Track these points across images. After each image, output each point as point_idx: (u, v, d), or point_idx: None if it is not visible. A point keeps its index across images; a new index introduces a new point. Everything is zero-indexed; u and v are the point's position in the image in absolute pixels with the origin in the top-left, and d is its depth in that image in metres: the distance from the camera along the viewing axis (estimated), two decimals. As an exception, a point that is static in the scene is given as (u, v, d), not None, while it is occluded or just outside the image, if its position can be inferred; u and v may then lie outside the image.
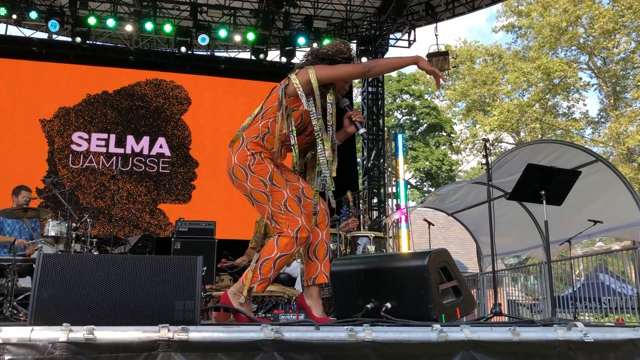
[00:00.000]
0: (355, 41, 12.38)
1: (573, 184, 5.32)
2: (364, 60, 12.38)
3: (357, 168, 13.31)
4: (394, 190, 12.13)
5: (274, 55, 11.89)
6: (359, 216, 6.94)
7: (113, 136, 11.16)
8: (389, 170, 12.20)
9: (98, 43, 12.16)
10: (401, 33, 12.59)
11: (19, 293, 5.39)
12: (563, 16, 25.31)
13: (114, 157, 11.02)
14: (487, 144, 5.23)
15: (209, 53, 12.42)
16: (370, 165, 12.41)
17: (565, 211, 6.20)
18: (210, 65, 12.12)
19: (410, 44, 12.58)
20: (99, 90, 11.31)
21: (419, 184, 27.69)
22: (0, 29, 11.05)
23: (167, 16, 11.23)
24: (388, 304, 2.91)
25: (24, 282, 5.80)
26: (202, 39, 10.79)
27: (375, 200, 12.39)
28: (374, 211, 12.23)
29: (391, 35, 12.72)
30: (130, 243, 7.79)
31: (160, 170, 11.19)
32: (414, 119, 28.59)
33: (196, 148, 11.46)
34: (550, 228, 5.25)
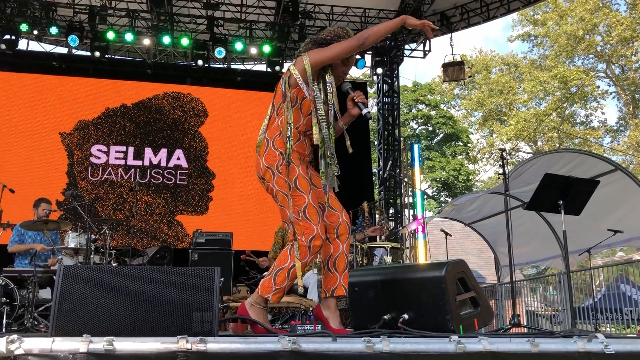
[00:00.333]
0: (370, 52, 12.42)
1: (592, 193, 5.26)
2: (379, 71, 12.44)
3: (373, 178, 13.29)
4: (411, 200, 12.09)
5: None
6: (381, 224, 6.93)
7: (131, 149, 11.28)
8: (405, 180, 12.17)
9: (116, 57, 12.35)
10: (416, 43, 12.61)
11: (40, 304, 5.47)
12: (580, 24, 25.15)
13: (133, 170, 11.14)
14: (504, 153, 5.21)
15: (225, 66, 12.54)
16: (386, 176, 12.39)
17: (584, 221, 6.13)
18: (226, 77, 12.23)
19: (425, 54, 12.58)
20: (118, 103, 11.46)
21: (435, 194, 27.56)
22: (22, 45, 11.27)
23: (184, 30, 11.37)
24: (405, 315, 2.90)
25: (45, 294, 5.87)
26: (219, 51, 10.90)
27: (391, 210, 12.35)
28: (390, 222, 12.19)
29: (406, 46, 12.75)
30: (149, 254, 7.85)
31: (177, 182, 11.29)
32: (430, 128, 28.51)
33: (213, 160, 11.54)
34: (569, 238, 5.19)
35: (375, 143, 13.95)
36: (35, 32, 10.75)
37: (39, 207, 6.76)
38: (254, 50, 11.45)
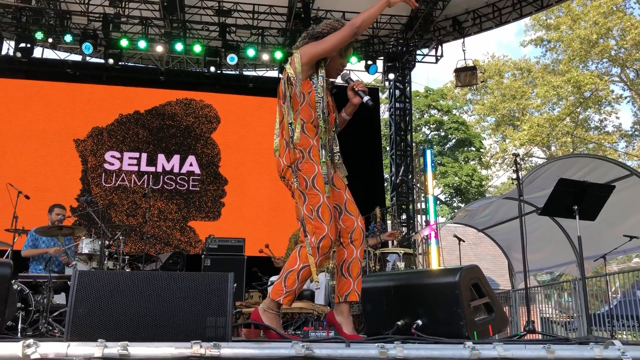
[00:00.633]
0: (382, 58, 12.42)
1: (607, 198, 5.21)
2: (391, 76, 12.42)
3: (385, 184, 13.26)
4: (423, 206, 12.04)
5: (301, 73, 11.98)
6: (395, 229, 6.91)
7: (144, 155, 11.36)
8: (418, 186, 12.13)
9: (130, 64, 12.46)
10: (428, 49, 12.59)
11: (54, 309, 5.50)
12: (593, 28, 24.96)
13: (146, 176, 11.20)
14: (518, 158, 5.18)
15: (237, 72, 12.61)
16: (398, 181, 12.36)
17: (599, 226, 6.07)
18: (238, 84, 12.30)
19: (437, 60, 12.56)
20: (131, 110, 11.55)
21: (448, 199, 27.44)
22: (37, 53, 11.40)
23: (197, 37, 11.46)
24: (419, 321, 2.89)
25: (59, 299, 5.92)
26: (231, 58, 10.97)
27: (404, 216, 12.31)
28: (402, 227, 12.15)
29: (418, 51, 12.73)
30: (162, 260, 7.89)
31: (190, 188, 11.34)
32: (443, 134, 28.43)
33: (225, 166, 11.58)
34: (584, 244, 5.15)
35: (387, 149, 13.92)
36: (50, 40, 10.89)
37: (52, 213, 6.83)
38: (265, 57, 11.50)
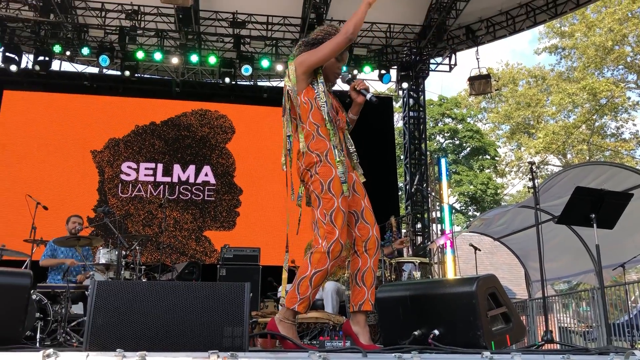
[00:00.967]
0: (395, 67, 12.43)
1: (625, 206, 5.16)
2: (405, 85, 12.42)
3: (399, 193, 13.23)
4: (438, 215, 11.99)
5: (315, 82, 12.03)
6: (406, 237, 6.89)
7: (160, 165, 11.46)
8: (433, 194, 12.08)
9: (146, 76, 12.59)
10: (442, 57, 12.58)
11: (72, 319, 5.55)
12: (608, 35, 24.78)
13: (162, 186, 11.29)
14: (533, 166, 5.15)
15: (252, 83, 12.69)
16: (413, 190, 12.32)
17: (617, 235, 6.00)
18: (253, 94, 12.38)
19: (451, 68, 12.54)
20: (147, 121, 11.67)
21: (463, 208, 27.28)
22: (55, 65, 11.57)
23: (212, 48, 11.57)
24: (436, 331, 2.87)
25: (77, 309, 5.97)
26: (246, 69, 11.05)
27: (419, 225, 12.26)
28: (418, 236, 12.10)
29: (432, 60, 12.73)
30: (177, 270, 7.92)
31: (205, 198, 11.40)
32: (457, 142, 28.31)
33: (240, 175, 11.64)
34: (602, 252, 5.09)
35: (402, 157, 13.90)
36: (67, 53, 11.05)
37: (69, 223, 6.91)
38: (280, 67, 11.58)
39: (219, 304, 2.29)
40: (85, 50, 10.79)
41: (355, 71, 11.43)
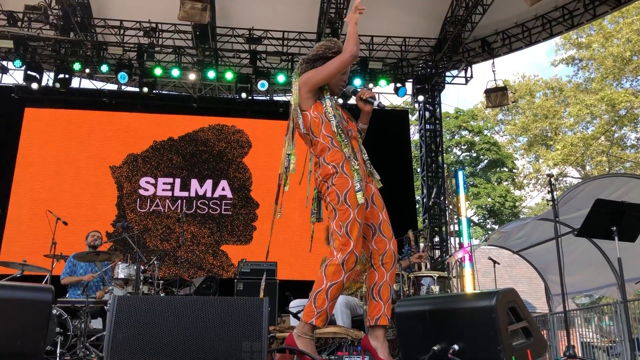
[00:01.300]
0: (411, 80, 12.44)
1: (647, 219, 5.08)
2: (421, 98, 12.42)
3: (417, 206, 13.17)
4: (456, 228, 11.91)
5: (331, 97, 12.08)
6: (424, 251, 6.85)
7: (178, 180, 11.55)
8: (450, 207, 12.01)
9: (164, 92, 12.75)
10: (458, 70, 12.58)
11: (91, 334, 5.59)
12: (626, 46, 24.58)
13: (179, 201, 11.37)
14: (552, 179, 5.11)
15: (268, 98, 12.79)
16: (431, 203, 12.26)
17: (639, 248, 5.90)
18: (269, 109, 12.46)
19: (467, 81, 12.53)
20: (165, 136, 11.79)
21: (481, 221, 27.06)
22: (75, 83, 11.76)
23: (228, 64, 11.69)
24: (455, 346, 2.84)
25: (96, 324, 6.02)
26: (262, 84, 11.14)
27: (437, 239, 12.17)
28: (435, 250, 12.01)
29: (447, 73, 12.73)
30: (195, 284, 7.96)
31: (222, 212, 11.45)
32: (474, 155, 28.17)
33: (257, 189, 11.68)
34: (624, 265, 5.01)
35: (418, 170, 13.86)
36: (87, 71, 11.25)
37: (88, 238, 7.00)
38: (295, 82, 11.64)
39: (237, 318, 2.29)
40: (104, 68, 10.97)
41: (370, 85, 11.46)
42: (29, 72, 10.86)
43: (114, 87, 12.29)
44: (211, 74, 11.26)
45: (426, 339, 3.03)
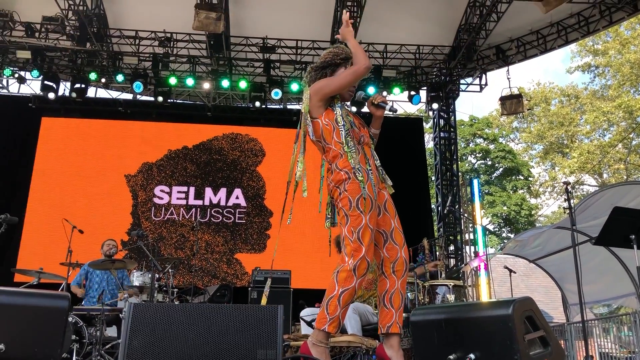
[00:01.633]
0: (425, 88, 12.41)
1: (666, 227, 4.99)
2: (435, 106, 12.38)
3: (432, 214, 13.10)
4: (472, 236, 11.82)
5: (345, 105, 12.10)
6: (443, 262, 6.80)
7: (192, 189, 11.60)
8: (465, 216, 11.93)
9: (178, 101, 12.85)
10: (472, 78, 12.53)
11: (106, 342, 5.61)
12: (643, 52, 24.37)
13: (194, 209, 11.42)
14: (569, 187, 5.05)
15: (281, 106, 12.83)
16: (446, 212, 12.18)
17: (659, 256, 5.80)
18: (282, 117, 12.49)
19: (482, 88, 12.47)
20: (179, 145, 11.87)
21: (497, 230, 26.84)
22: (91, 92, 11.89)
23: (242, 73, 11.76)
24: (472, 355, 2.81)
25: (111, 332, 6.04)
26: (275, 93, 11.19)
27: (452, 247, 12.08)
28: (451, 259, 11.92)
29: (462, 80, 12.69)
30: (209, 293, 7.97)
31: (236, 221, 11.47)
32: (489, 163, 27.98)
33: (270, 198, 11.70)
34: (643, 274, 4.93)
35: (433, 178, 13.80)
36: (103, 80, 11.41)
37: (104, 246, 7.06)
38: (309, 90, 11.67)
39: (252, 326, 2.29)
40: (119, 77, 11.09)
41: (384, 92, 11.45)
42: (46, 82, 11.02)
43: (129, 97, 12.42)
44: (225, 83, 11.34)
45: (442, 348, 3.00)
